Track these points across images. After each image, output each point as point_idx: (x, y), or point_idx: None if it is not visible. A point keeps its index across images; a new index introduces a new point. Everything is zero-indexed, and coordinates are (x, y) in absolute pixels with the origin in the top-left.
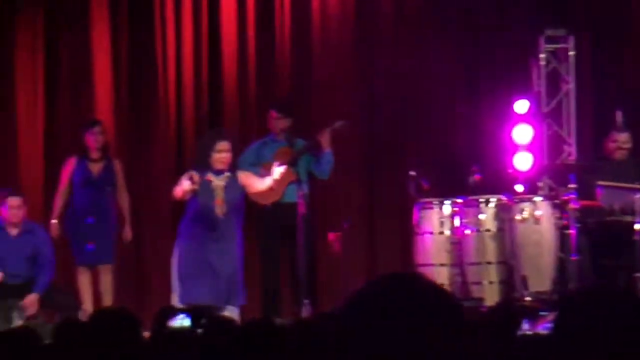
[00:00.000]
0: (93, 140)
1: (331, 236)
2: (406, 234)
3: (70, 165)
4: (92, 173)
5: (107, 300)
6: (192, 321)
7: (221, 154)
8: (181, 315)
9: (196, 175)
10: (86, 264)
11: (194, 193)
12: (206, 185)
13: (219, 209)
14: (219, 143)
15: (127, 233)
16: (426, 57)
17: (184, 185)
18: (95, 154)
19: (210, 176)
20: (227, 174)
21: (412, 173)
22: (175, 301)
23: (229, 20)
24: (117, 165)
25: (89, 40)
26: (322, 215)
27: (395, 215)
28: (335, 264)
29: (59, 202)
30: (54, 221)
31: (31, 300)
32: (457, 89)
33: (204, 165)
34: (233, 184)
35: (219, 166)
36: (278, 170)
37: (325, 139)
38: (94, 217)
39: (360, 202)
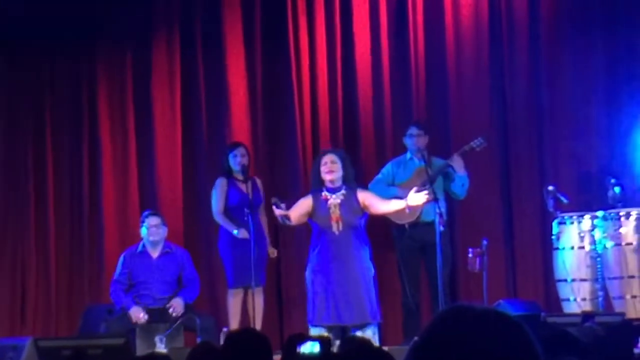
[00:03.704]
0: (238, 162)
1: (470, 253)
2: (546, 249)
3: (223, 187)
4: (247, 194)
5: (258, 322)
6: (322, 347)
7: (325, 166)
8: (310, 342)
9: (277, 200)
10: (242, 285)
11: (311, 215)
12: (322, 204)
13: (335, 226)
14: (323, 157)
15: (273, 251)
16: (561, 64)
17: (276, 213)
18: (240, 175)
19: (326, 194)
20: (343, 191)
21: (550, 188)
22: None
23: (362, 42)
24: (260, 185)
25: (224, 62)
26: (461, 232)
27: (535, 230)
28: (475, 280)
29: (225, 219)
30: (239, 229)
31: (177, 302)
32: (593, 96)
33: (318, 184)
34: (350, 201)
35: (327, 178)
36: (415, 198)
37: (458, 163)
38: (251, 238)
39: (499, 217)
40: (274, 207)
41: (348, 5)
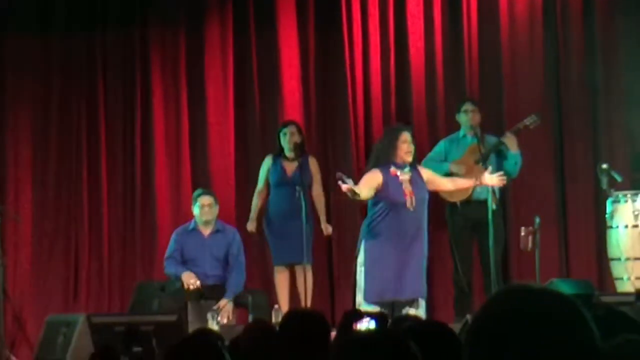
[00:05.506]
0: (287, 140)
1: (523, 231)
2: (599, 228)
3: (265, 166)
4: (287, 172)
5: (308, 300)
6: (378, 324)
7: (405, 144)
8: (367, 319)
9: (343, 175)
10: (284, 263)
11: (380, 190)
12: (393, 180)
13: (409, 201)
14: (402, 134)
15: (327, 228)
16: (616, 41)
17: (343, 188)
18: (290, 154)
19: (395, 170)
20: (409, 167)
21: (604, 165)
22: (360, 300)
23: (415, 19)
24: (313, 163)
25: (276, 39)
26: (513, 211)
27: (588, 208)
28: (527, 259)
29: (256, 201)
30: (251, 221)
31: (224, 307)
32: None
33: (386, 160)
34: (416, 177)
35: (405, 157)
36: (491, 179)
37: (511, 141)
38: (291, 217)
39: (552, 196)
40: (340, 183)
41: None
